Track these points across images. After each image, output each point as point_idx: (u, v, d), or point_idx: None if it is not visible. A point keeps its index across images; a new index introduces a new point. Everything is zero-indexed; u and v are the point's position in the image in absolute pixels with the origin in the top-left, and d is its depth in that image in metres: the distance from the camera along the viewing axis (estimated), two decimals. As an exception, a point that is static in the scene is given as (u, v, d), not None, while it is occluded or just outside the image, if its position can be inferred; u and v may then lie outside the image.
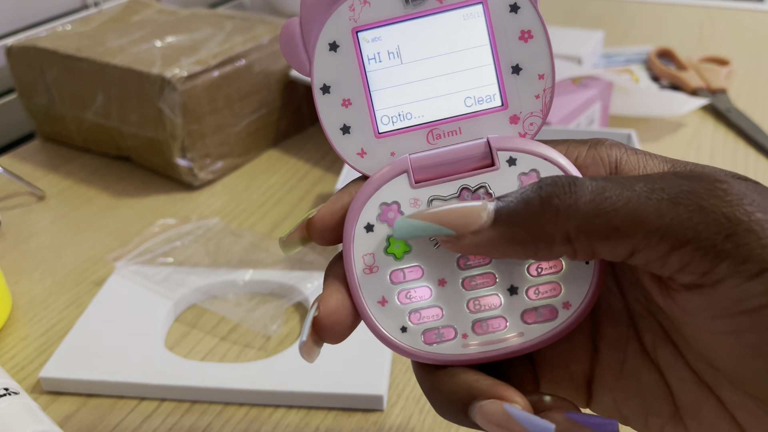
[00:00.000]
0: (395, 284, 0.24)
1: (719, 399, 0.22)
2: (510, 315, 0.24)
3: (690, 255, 0.19)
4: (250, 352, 0.45)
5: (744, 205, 0.18)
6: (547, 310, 0.23)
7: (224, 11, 0.77)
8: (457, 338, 0.23)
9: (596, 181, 0.20)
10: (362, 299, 0.24)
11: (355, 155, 0.25)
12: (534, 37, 0.24)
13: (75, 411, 0.41)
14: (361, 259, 0.24)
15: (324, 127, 0.24)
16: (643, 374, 0.24)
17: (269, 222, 0.59)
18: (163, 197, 0.63)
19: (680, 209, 0.19)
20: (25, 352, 0.46)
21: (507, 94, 0.24)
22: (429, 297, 0.24)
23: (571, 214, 0.19)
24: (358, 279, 0.24)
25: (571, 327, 0.23)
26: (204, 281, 0.49)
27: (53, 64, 0.67)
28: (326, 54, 0.24)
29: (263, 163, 0.68)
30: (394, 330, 0.24)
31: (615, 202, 0.19)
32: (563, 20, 0.99)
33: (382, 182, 0.24)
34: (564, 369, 0.25)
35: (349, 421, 0.40)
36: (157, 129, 0.62)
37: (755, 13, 1.00)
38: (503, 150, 0.24)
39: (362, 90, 0.24)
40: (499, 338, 0.23)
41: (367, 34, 0.24)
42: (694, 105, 0.69)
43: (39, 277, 0.53)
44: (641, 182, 0.20)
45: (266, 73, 0.67)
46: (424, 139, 0.24)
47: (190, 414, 0.41)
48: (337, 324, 0.23)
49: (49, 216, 0.61)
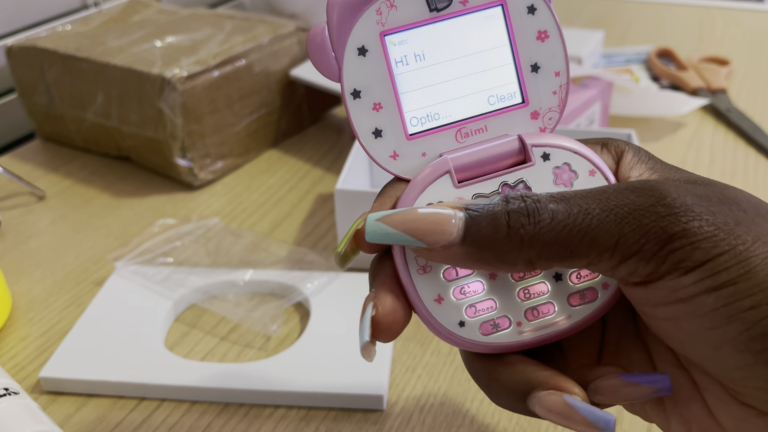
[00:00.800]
0: (449, 282, 0.24)
1: (694, 381, 0.24)
2: (557, 300, 0.25)
3: (635, 264, 0.21)
4: (250, 352, 0.45)
5: (680, 216, 0.21)
6: (589, 291, 0.25)
7: (224, 11, 0.77)
8: (512, 326, 0.25)
9: (558, 204, 0.22)
10: (420, 299, 0.24)
11: (387, 158, 0.25)
12: (550, 36, 0.25)
13: (75, 411, 0.41)
14: (413, 260, 0.24)
15: (356, 132, 0.25)
16: (633, 352, 0.26)
17: (269, 222, 0.59)
18: (163, 197, 0.63)
19: (626, 229, 0.21)
20: (25, 352, 0.46)
21: (527, 91, 0.25)
22: (482, 291, 0.25)
23: (533, 244, 0.22)
24: (413, 280, 0.24)
25: (610, 304, 0.25)
26: (204, 281, 0.49)
27: (53, 64, 0.67)
28: (355, 59, 0.24)
29: (263, 163, 0.68)
30: (453, 325, 0.24)
31: (571, 229, 0.21)
32: (563, 20, 0.99)
33: (426, 184, 0.25)
34: (583, 350, 0.27)
35: (349, 421, 0.40)
36: (157, 129, 0.62)
37: (755, 13, 1.00)
38: (537, 146, 0.25)
39: (392, 93, 0.25)
40: (550, 322, 0.25)
41: (394, 37, 0.25)
42: (694, 105, 0.69)
43: (39, 277, 0.53)
44: (596, 202, 0.22)
45: (266, 73, 0.67)
46: (453, 138, 0.25)
47: (190, 414, 0.41)
48: (394, 323, 0.24)
49: (49, 216, 0.61)
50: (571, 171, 0.25)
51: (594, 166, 0.25)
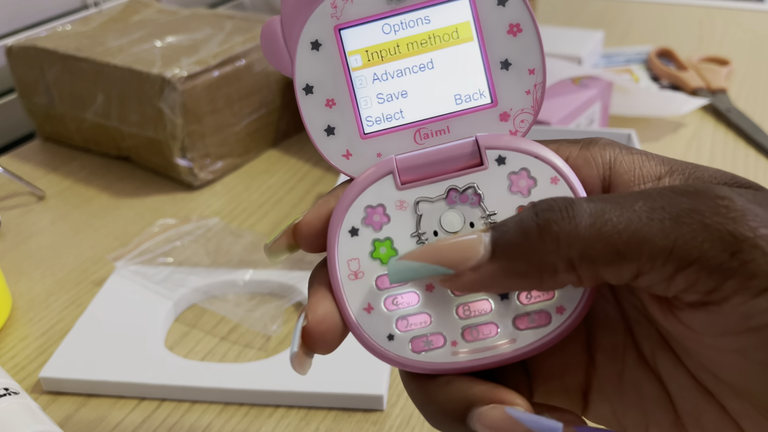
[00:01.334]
0: (381, 290, 0.23)
1: (722, 406, 0.22)
2: (501, 321, 0.22)
3: (696, 275, 0.18)
4: (250, 352, 0.45)
5: (748, 221, 0.18)
6: (539, 315, 0.22)
7: (224, 11, 0.77)
8: (446, 346, 0.22)
9: (593, 202, 0.19)
10: (347, 306, 0.23)
11: (340, 157, 0.24)
12: (523, 30, 0.23)
13: (75, 411, 0.41)
14: (345, 265, 0.23)
15: (308, 129, 0.24)
16: (642, 384, 0.23)
17: (269, 222, 0.59)
18: (163, 197, 0.63)
19: (684, 228, 0.18)
20: (25, 352, 0.46)
21: (496, 90, 0.23)
22: (416, 303, 0.23)
23: (573, 241, 0.19)
24: (342, 285, 0.23)
25: (565, 333, 0.22)
26: (204, 281, 0.49)
27: (53, 64, 0.67)
28: (308, 53, 0.23)
29: (263, 163, 0.68)
30: (381, 338, 0.23)
31: (616, 224, 0.18)
32: (563, 20, 0.99)
33: (366, 184, 0.23)
34: (559, 381, 0.24)
35: (349, 421, 0.40)
36: (157, 129, 0.62)
37: (755, 13, 1.00)
38: (492, 148, 0.23)
39: (346, 90, 0.23)
40: (490, 345, 0.22)
41: (349, 31, 0.23)
42: (694, 105, 0.69)
43: (39, 277, 0.53)
44: (640, 201, 0.19)
45: (266, 73, 0.67)
46: (412, 139, 0.24)
47: (190, 414, 0.41)
48: (327, 332, 0.22)
49: (49, 216, 0.61)
50: (529, 177, 0.23)
51: (557, 173, 0.22)
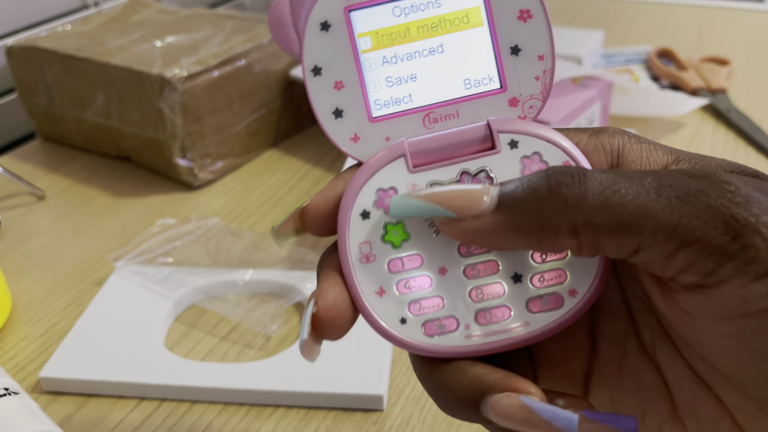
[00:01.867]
0: (393, 273, 0.23)
1: (719, 398, 0.22)
2: (514, 304, 0.22)
3: (696, 254, 0.18)
4: (250, 352, 0.45)
5: (752, 207, 0.18)
6: (552, 298, 0.22)
7: (224, 11, 0.77)
8: (459, 329, 0.22)
9: (605, 173, 0.19)
10: (359, 290, 0.22)
11: (348, 140, 0.23)
12: (533, 16, 0.23)
13: (75, 411, 0.41)
14: (357, 248, 0.22)
15: (315, 111, 0.23)
16: (641, 372, 0.23)
17: (269, 222, 0.59)
18: (163, 197, 0.63)
19: (689, 208, 0.18)
20: (25, 352, 0.46)
21: (506, 75, 0.23)
22: (429, 286, 0.23)
23: (580, 205, 0.19)
24: (354, 269, 0.22)
25: (578, 315, 0.22)
26: (204, 281, 0.49)
27: (53, 64, 0.67)
28: (317, 34, 0.23)
29: (263, 163, 0.68)
30: (393, 321, 0.22)
31: (624, 195, 0.19)
32: (563, 20, 0.99)
33: (378, 167, 0.23)
34: (563, 366, 0.25)
35: (349, 421, 0.40)
36: (157, 129, 0.62)
37: (755, 13, 1.00)
38: (504, 132, 0.23)
39: (355, 72, 0.23)
40: (503, 328, 0.22)
41: (360, 13, 0.23)
42: (694, 105, 0.69)
43: (39, 277, 0.53)
44: (650, 177, 0.19)
45: (266, 73, 0.67)
46: (421, 123, 0.23)
47: (190, 414, 0.41)
48: (338, 318, 0.22)
49: (49, 216, 0.61)
50: (542, 162, 0.23)
51: (569, 158, 0.23)
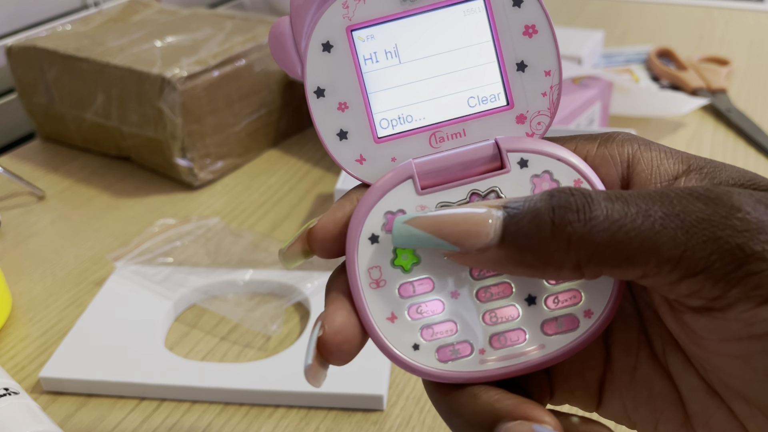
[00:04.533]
0: (405, 298, 0.22)
1: (730, 409, 0.22)
2: (529, 327, 0.22)
3: (701, 283, 0.19)
4: (250, 352, 0.45)
5: (759, 236, 0.18)
6: (567, 319, 0.22)
7: (224, 11, 0.77)
8: (474, 354, 0.22)
9: (612, 203, 0.19)
10: (370, 316, 0.22)
11: (353, 162, 0.23)
12: (539, 32, 0.23)
13: (75, 411, 0.41)
14: (366, 273, 0.22)
15: (319, 134, 0.23)
16: (654, 381, 0.23)
17: (269, 222, 0.59)
18: (163, 197, 0.63)
19: (694, 239, 0.18)
20: (25, 352, 0.46)
21: (512, 92, 0.23)
22: (442, 311, 0.22)
23: (583, 244, 0.19)
24: (364, 294, 0.22)
25: (594, 336, 0.22)
26: (204, 281, 0.49)
27: (53, 64, 0.67)
28: (319, 55, 0.23)
29: (263, 163, 0.68)
30: (406, 348, 0.22)
31: (629, 231, 0.19)
32: (563, 20, 0.99)
33: (386, 189, 0.23)
34: (579, 377, 0.24)
35: (349, 421, 0.40)
36: (157, 129, 0.62)
37: (755, 13, 1.00)
38: (513, 151, 0.23)
39: (359, 92, 0.23)
40: (519, 352, 0.22)
41: (362, 32, 0.23)
42: (694, 105, 0.69)
43: (39, 277, 0.53)
44: (657, 204, 0.19)
45: (266, 73, 0.67)
46: (427, 142, 0.23)
47: (190, 414, 0.41)
48: (345, 343, 0.22)
49: (49, 216, 0.61)
50: (552, 180, 0.22)
51: (580, 176, 0.22)
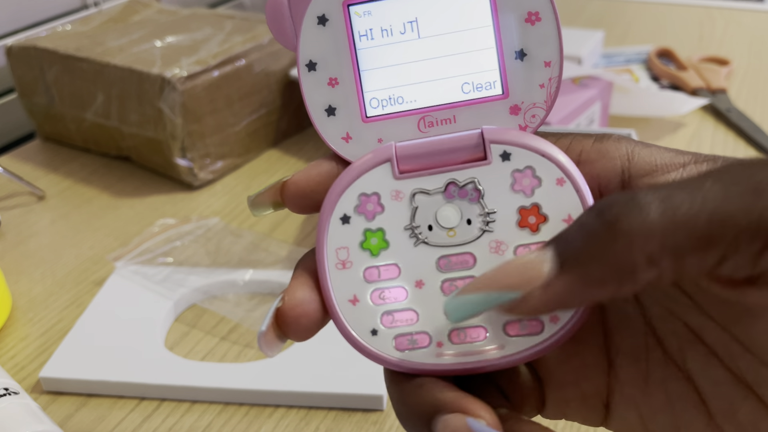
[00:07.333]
0: (369, 282, 0.22)
1: (759, 397, 0.21)
2: (491, 325, 0.21)
3: None
4: (250, 352, 0.45)
5: None
6: (532, 323, 0.21)
7: (224, 11, 0.77)
8: (431, 346, 0.21)
9: (653, 192, 0.17)
10: (332, 296, 0.22)
11: (339, 139, 0.22)
12: (542, 20, 0.22)
13: (75, 411, 0.41)
14: (334, 253, 0.22)
15: (308, 107, 0.22)
16: (670, 384, 0.22)
17: (269, 222, 0.59)
18: (163, 197, 0.63)
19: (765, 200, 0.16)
20: (25, 352, 0.46)
21: (509, 81, 0.22)
22: (404, 299, 0.22)
23: (648, 234, 0.17)
24: (329, 273, 0.22)
25: (557, 344, 0.21)
26: (204, 281, 0.49)
27: (53, 64, 0.67)
28: (314, 28, 0.22)
29: (263, 163, 0.68)
30: (364, 332, 0.22)
31: (690, 208, 0.17)
32: (563, 20, 0.99)
33: (362, 170, 0.22)
34: (574, 388, 0.23)
35: (349, 421, 0.40)
36: (157, 129, 0.62)
37: (755, 13, 1.00)
38: (497, 143, 0.22)
39: (351, 69, 0.22)
40: (476, 350, 0.21)
41: (359, 8, 0.22)
42: (694, 105, 0.69)
43: (39, 277, 0.53)
44: (708, 180, 0.17)
45: (266, 73, 0.67)
46: (415, 126, 0.22)
47: (190, 414, 0.41)
48: (302, 317, 0.21)
49: (49, 216, 0.61)
50: (534, 177, 0.21)
51: (563, 174, 0.21)
